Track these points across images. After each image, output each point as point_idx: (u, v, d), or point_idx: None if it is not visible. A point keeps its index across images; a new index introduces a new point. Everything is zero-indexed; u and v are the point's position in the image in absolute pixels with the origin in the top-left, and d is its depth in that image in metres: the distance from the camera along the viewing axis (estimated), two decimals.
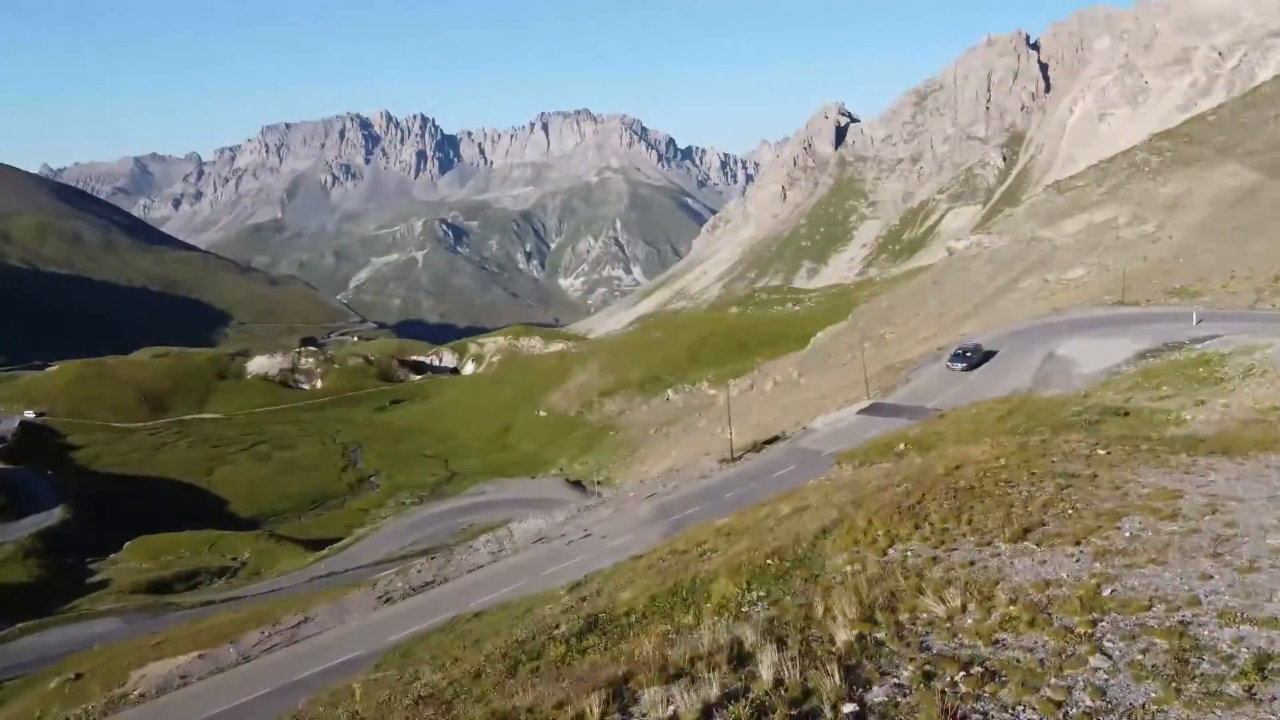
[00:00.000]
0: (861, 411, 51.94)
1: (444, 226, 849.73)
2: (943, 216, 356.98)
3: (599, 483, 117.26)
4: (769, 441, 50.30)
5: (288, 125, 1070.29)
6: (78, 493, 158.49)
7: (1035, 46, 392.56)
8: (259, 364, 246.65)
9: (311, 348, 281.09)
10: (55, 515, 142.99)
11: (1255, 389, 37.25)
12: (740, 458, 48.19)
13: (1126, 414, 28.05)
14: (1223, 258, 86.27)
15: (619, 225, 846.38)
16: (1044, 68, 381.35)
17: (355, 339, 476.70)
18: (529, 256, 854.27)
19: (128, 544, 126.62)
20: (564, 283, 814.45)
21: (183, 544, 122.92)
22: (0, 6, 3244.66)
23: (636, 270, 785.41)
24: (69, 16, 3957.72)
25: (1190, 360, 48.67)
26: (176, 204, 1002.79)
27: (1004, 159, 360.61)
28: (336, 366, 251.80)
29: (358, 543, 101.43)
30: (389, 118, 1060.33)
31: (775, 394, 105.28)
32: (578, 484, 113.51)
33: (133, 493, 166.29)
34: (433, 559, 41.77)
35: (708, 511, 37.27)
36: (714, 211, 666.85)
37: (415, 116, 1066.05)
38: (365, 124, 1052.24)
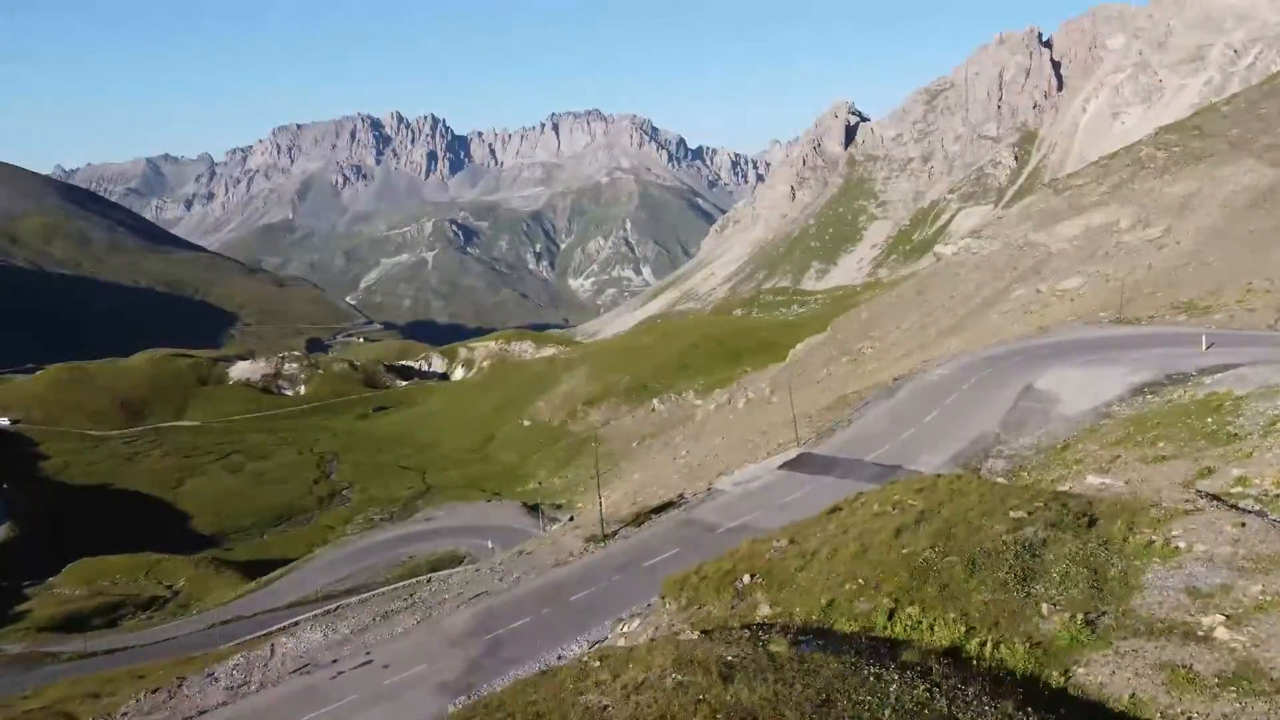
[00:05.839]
0: (785, 465, 43.04)
1: (454, 227, 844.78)
2: (954, 216, 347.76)
3: (559, 507, 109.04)
4: (660, 509, 41.38)
5: (299, 126, 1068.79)
6: (32, 508, 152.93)
7: (1048, 44, 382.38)
8: (241, 369, 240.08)
9: (297, 352, 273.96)
10: (0, 533, 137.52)
11: None
12: (615, 533, 39.34)
13: (1093, 521, 19.24)
14: (1238, 267, 76.75)
15: (629, 226, 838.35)
16: (1056, 65, 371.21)
17: (361, 340, 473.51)
18: (539, 257, 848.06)
19: (67, 567, 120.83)
20: (574, 283, 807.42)
21: (120, 568, 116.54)
22: (15, 9, 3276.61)
23: (646, 271, 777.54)
24: (81, 18, 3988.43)
25: (1196, 403, 39.64)
26: (188, 205, 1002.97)
27: (1016, 158, 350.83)
28: (321, 372, 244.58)
29: (288, 575, 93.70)
30: (400, 118, 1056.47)
31: (746, 412, 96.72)
32: (535, 507, 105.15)
33: (94, 506, 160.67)
34: (155, 692, 33.11)
35: (543, 625, 28.96)
36: (724, 212, 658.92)
37: (426, 117, 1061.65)
38: (376, 124, 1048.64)
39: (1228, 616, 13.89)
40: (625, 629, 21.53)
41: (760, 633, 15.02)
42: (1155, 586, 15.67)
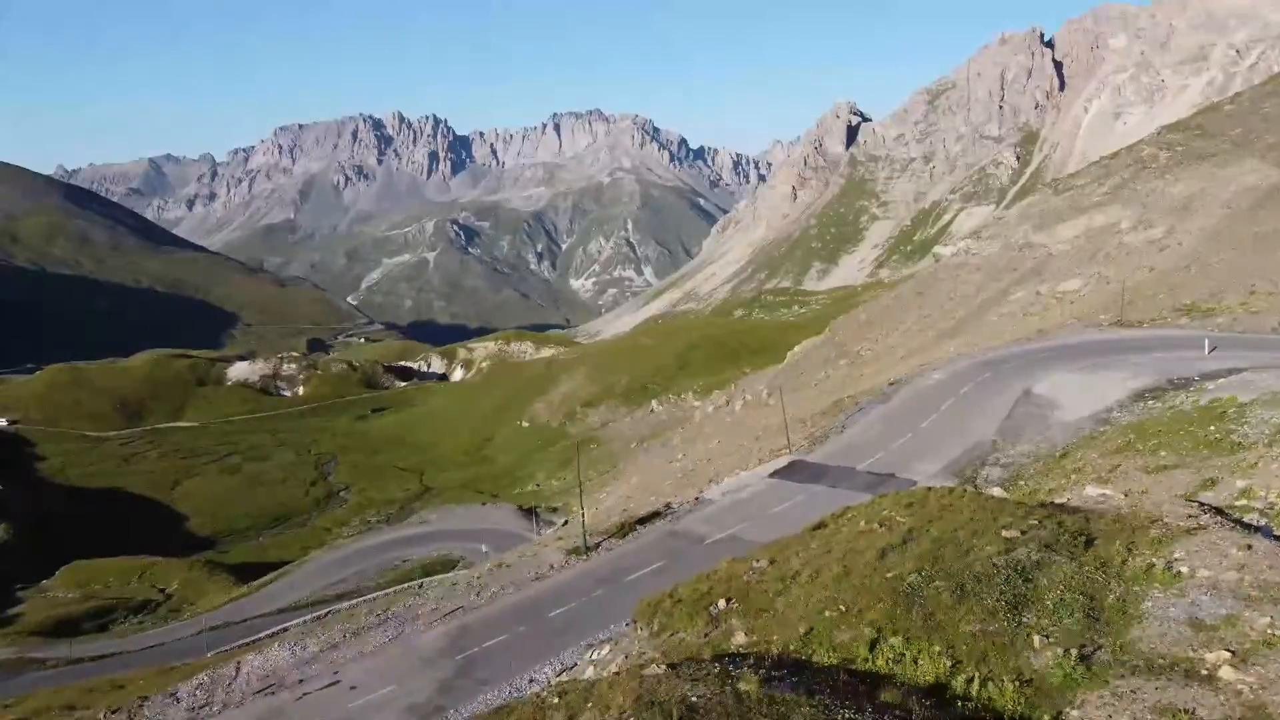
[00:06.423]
0: (776, 473, 42.05)
1: (455, 227, 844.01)
2: (955, 216, 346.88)
3: (555, 510, 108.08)
4: (644, 520, 40.30)
5: (301, 126, 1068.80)
6: (28, 509, 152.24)
7: (1050, 44, 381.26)
8: (239, 370, 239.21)
9: (295, 353, 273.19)
10: None
11: None
12: (598, 546, 38.26)
13: (1090, 541, 18.21)
14: (1241, 269, 75.56)
15: (630, 226, 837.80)
16: (1058, 66, 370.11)
17: (362, 340, 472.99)
18: (540, 257, 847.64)
19: (60, 570, 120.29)
20: (575, 283, 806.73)
21: (113, 571, 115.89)
22: (18, 11, 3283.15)
23: (648, 271, 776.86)
24: (85, 19, 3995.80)
25: (1199, 410, 38.59)
26: (190, 205, 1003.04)
27: (1018, 158, 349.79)
28: (319, 373, 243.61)
29: (280, 580, 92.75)
30: (401, 118, 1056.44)
31: (743, 415, 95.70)
32: (531, 511, 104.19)
33: (90, 508, 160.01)
34: (115, 712, 32.28)
35: (518, 644, 27.96)
36: (726, 212, 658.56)
37: (428, 117, 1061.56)
38: (378, 125, 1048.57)
39: (1233, 653, 12.88)
40: (595, 655, 20.58)
41: (731, 666, 14.03)
42: (1155, 617, 14.65)
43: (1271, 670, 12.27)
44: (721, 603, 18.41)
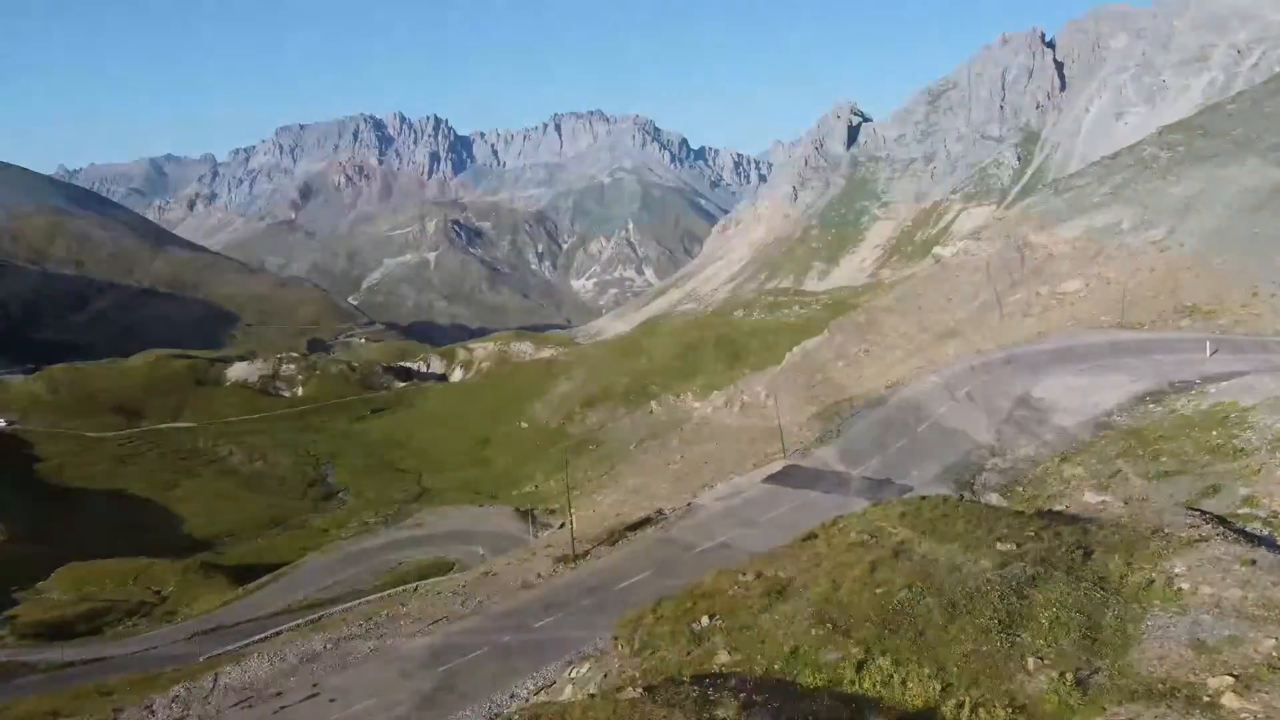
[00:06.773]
0: (770, 479, 41.46)
1: (456, 227, 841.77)
2: (956, 217, 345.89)
3: (553, 511, 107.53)
4: (635, 527, 39.71)
5: (302, 126, 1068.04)
6: (26, 510, 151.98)
7: (1051, 44, 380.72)
8: (239, 371, 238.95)
9: (294, 354, 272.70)
10: None
11: None
12: (587, 554, 37.67)
13: (1089, 554, 17.61)
14: (1243, 271, 74.94)
15: (631, 226, 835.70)
16: (1060, 66, 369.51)
17: (363, 340, 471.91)
18: (541, 257, 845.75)
19: (56, 571, 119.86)
20: (576, 283, 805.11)
21: (109, 573, 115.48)
22: (18, 11, 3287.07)
23: (649, 271, 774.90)
24: (86, 19, 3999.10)
25: (1201, 415, 38.01)
26: (191, 205, 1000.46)
27: (1019, 159, 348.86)
28: (318, 373, 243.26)
29: (274, 582, 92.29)
30: (402, 118, 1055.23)
31: (741, 416, 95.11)
32: (528, 513, 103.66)
33: (88, 509, 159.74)
34: None
35: (501, 656, 27.28)
36: (727, 212, 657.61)
37: (429, 117, 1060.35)
38: (379, 125, 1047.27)
39: (1236, 678, 12.22)
40: (575, 673, 19.97)
41: (711, 691, 13.39)
42: (1155, 637, 14.01)
43: (1277, 697, 11.63)
44: (705, 619, 17.78)
